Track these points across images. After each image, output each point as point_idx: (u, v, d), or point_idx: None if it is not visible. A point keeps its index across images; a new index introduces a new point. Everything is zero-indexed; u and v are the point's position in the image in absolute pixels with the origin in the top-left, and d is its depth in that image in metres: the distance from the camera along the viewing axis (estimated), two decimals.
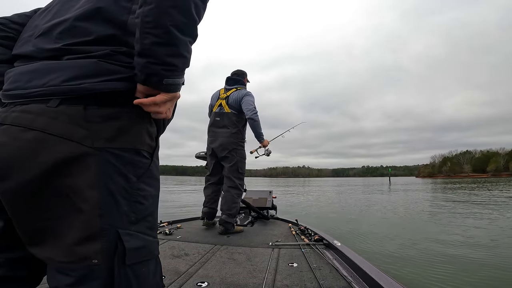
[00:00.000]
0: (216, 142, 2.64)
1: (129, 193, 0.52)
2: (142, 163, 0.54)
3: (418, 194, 14.73)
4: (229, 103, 2.67)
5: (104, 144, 0.49)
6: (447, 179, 73.33)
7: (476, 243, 3.86)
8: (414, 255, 3.32)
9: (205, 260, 1.68)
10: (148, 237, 0.55)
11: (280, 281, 1.34)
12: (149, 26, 0.48)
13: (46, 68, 0.51)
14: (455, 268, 2.79)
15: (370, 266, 1.38)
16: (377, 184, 31.74)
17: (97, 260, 0.48)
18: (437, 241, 3.99)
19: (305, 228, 2.45)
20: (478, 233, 4.54)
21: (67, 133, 0.47)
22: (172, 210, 7.68)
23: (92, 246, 0.48)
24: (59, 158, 0.46)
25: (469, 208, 8.02)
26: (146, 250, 0.53)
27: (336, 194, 15.11)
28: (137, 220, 0.53)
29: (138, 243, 0.52)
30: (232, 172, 2.60)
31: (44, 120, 0.47)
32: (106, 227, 0.48)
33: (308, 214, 7.19)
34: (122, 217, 0.50)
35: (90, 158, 0.48)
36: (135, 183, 0.52)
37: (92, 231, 0.48)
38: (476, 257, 3.19)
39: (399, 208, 8.37)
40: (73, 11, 0.55)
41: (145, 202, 0.54)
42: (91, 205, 0.48)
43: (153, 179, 0.57)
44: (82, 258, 0.47)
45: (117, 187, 0.50)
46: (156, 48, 0.49)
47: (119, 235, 0.49)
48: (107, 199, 0.49)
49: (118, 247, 0.49)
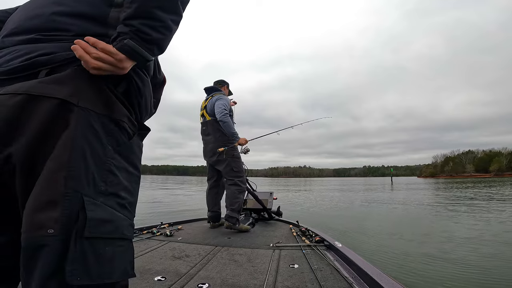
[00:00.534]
0: (206, 150, 2.88)
1: (102, 160, 0.48)
2: (121, 135, 0.53)
3: (422, 193, 14.51)
4: (207, 111, 2.87)
5: (88, 105, 0.48)
6: (450, 179, 72.37)
7: (480, 243, 3.83)
8: (416, 255, 3.30)
9: (206, 261, 1.68)
10: (118, 213, 0.49)
11: (281, 283, 1.34)
12: (127, 3, 0.51)
13: (27, 47, 0.51)
14: (457, 268, 2.78)
15: (372, 267, 1.37)
16: (379, 184, 31.15)
17: (53, 230, 0.42)
18: (440, 241, 3.96)
19: (306, 229, 2.45)
20: (483, 233, 4.50)
21: (52, 92, 0.46)
22: (173, 210, 7.69)
23: (51, 213, 0.42)
24: (46, 115, 0.45)
25: (476, 208, 7.94)
26: (113, 226, 0.47)
27: (339, 194, 14.99)
28: (106, 192, 0.48)
29: (104, 215, 0.46)
30: (228, 173, 2.75)
31: (30, 84, 0.46)
32: (69, 192, 0.43)
33: (310, 214, 7.14)
34: (89, 184, 0.46)
35: (72, 114, 0.46)
36: (109, 151, 0.50)
37: (54, 195, 0.43)
38: (479, 257, 3.17)
39: (403, 208, 8.30)
40: (51, 6, 0.55)
41: (118, 175, 0.51)
42: (59, 165, 0.44)
43: (131, 154, 0.55)
44: (37, 227, 0.41)
45: (91, 151, 0.47)
46: (130, 21, 0.50)
47: (83, 203, 0.44)
48: (78, 161, 0.45)
49: (79, 217, 0.43)
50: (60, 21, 0.53)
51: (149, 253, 1.81)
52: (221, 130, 2.77)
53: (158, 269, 1.51)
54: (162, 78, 0.69)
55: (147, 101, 0.62)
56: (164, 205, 9.34)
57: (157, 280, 1.34)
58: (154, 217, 6.17)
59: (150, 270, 1.49)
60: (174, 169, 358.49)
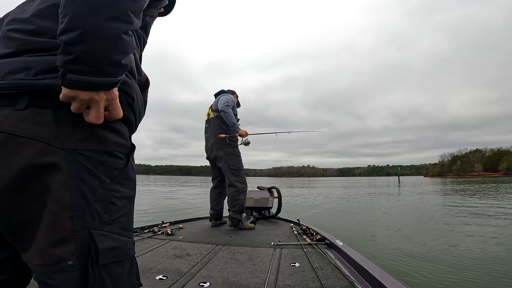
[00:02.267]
0: (207, 146, 2.95)
1: (102, 195, 0.51)
2: (116, 164, 0.54)
3: (431, 194, 13.77)
4: (212, 109, 2.95)
5: (75, 145, 0.48)
6: (458, 178, 70.28)
7: (486, 242, 3.78)
8: (418, 254, 3.28)
9: (207, 260, 1.68)
10: (123, 238, 0.54)
11: (282, 281, 1.34)
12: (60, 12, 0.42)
13: (4, 63, 0.49)
14: (460, 269, 2.76)
15: (373, 266, 1.37)
16: (385, 185, 29.27)
17: (72, 262, 0.47)
18: (445, 241, 3.91)
19: (307, 227, 2.45)
20: (489, 233, 4.41)
21: (35, 134, 0.46)
22: (174, 210, 7.71)
23: (66, 248, 0.47)
24: (29, 160, 0.45)
25: (485, 207, 7.72)
26: (121, 251, 0.53)
27: (345, 194, 14.49)
28: (110, 221, 0.52)
29: (112, 244, 0.52)
30: (226, 170, 2.81)
31: (12, 122, 0.45)
32: (78, 228, 0.48)
33: (316, 214, 6.94)
34: (94, 218, 0.50)
35: (61, 159, 0.46)
36: (108, 184, 0.52)
37: (65, 233, 0.47)
38: (484, 257, 3.12)
39: (413, 209, 7.87)
40: (30, 11, 0.54)
41: (119, 203, 0.54)
42: (62, 207, 0.47)
43: (128, 180, 0.57)
44: (58, 260, 0.47)
45: (89, 189, 0.49)
46: (61, 37, 0.42)
47: (92, 236, 0.49)
48: (79, 200, 0.48)
49: (91, 247, 0.49)
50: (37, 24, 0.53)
51: (151, 252, 1.82)
52: (222, 126, 2.84)
53: (159, 268, 1.51)
54: (144, 79, 0.67)
55: (140, 106, 0.61)
56: (165, 204, 9.37)
57: (159, 279, 1.34)
58: (155, 216, 6.20)
59: (151, 269, 1.49)
60: (177, 169, 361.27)
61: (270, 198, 3.45)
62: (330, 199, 10.80)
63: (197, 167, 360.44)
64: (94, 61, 0.43)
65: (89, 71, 0.43)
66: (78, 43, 0.41)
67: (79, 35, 0.41)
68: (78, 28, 0.41)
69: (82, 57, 0.42)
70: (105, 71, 0.44)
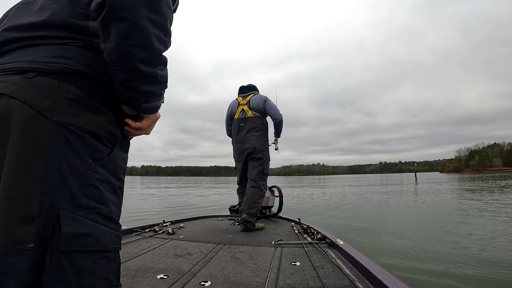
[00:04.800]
0: (247, 145, 2.79)
1: (82, 174, 0.49)
2: (101, 148, 0.53)
3: (460, 193, 11.38)
4: (251, 106, 2.85)
5: (64, 119, 0.47)
6: (477, 174, 65.43)
7: (494, 242, 3.63)
8: (421, 254, 3.20)
9: (208, 259, 1.68)
10: (100, 226, 0.50)
11: (283, 280, 1.34)
12: (116, 64, 0.50)
13: (23, 51, 0.52)
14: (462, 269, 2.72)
15: (374, 265, 1.37)
16: (402, 182, 25.65)
17: (33, 244, 0.43)
18: (451, 241, 3.77)
19: (308, 226, 2.45)
20: (498, 232, 4.20)
21: (31, 101, 0.46)
22: (175, 209, 7.71)
23: (29, 228, 0.43)
24: (13, 122, 0.45)
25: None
26: (93, 240, 0.48)
27: (362, 194, 12.54)
28: (87, 206, 0.49)
29: (82, 230, 0.47)
30: (258, 173, 2.74)
31: (15, 87, 0.47)
32: (45, 206, 0.44)
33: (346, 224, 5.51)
34: (67, 198, 0.46)
35: (46, 129, 0.46)
36: (91, 164, 0.50)
37: (31, 210, 0.44)
38: (489, 257, 3.04)
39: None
40: (28, 18, 0.56)
41: (101, 188, 0.51)
42: (34, 180, 0.44)
43: (115, 166, 0.55)
44: (18, 241, 0.42)
45: (68, 166, 0.47)
46: (128, 84, 0.52)
47: (58, 217, 0.45)
48: (54, 175, 0.45)
49: (55, 230, 0.44)
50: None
51: (152, 251, 1.82)
52: (263, 129, 2.83)
53: (160, 267, 1.52)
54: None
55: None
56: (166, 204, 9.38)
57: (160, 278, 1.35)
58: (156, 215, 6.21)
59: (152, 268, 1.49)
60: (187, 170, 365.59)
61: (271, 197, 3.45)
62: (356, 203, 8.97)
63: (206, 167, 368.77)
64: (158, 91, 0.58)
65: (156, 99, 0.59)
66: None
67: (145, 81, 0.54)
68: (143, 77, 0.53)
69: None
70: (161, 96, 0.60)
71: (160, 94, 0.58)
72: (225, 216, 3.41)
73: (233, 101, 3.03)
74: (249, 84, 3.06)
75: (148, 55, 0.51)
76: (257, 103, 2.84)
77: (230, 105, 3.05)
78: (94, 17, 0.51)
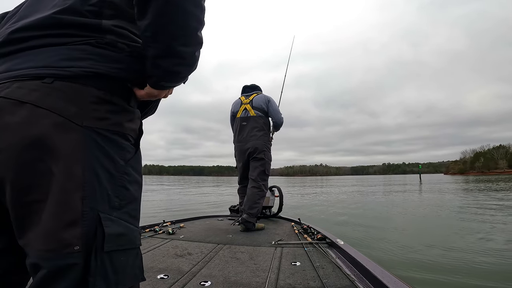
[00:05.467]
0: (248, 144, 2.78)
1: (114, 177, 0.50)
2: (129, 148, 0.54)
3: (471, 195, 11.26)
4: (254, 106, 2.85)
5: (94, 123, 0.48)
6: (482, 176, 64.06)
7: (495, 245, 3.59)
8: (423, 256, 3.19)
9: (208, 259, 1.68)
10: (130, 225, 0.52)
11: (283, 280, 1.34)
12: (149, 41, 0.51)
13: (34, 53, 0.50)
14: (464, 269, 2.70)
15: (374, 265, 1.37)
16: (407, 183, 25.51)
17: (79, 247, 0.45)
18: (455, 242, 3.73)
19: (308, 226, 2.45)
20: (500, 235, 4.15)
21: (58, 108, 0.46)
22: (175, 209, 7.72)
23: (74, 231, 0.45)
24: (46, 132, 0.44)
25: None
26: (127, 239, 0.51)
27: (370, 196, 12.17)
28: (120, 206, 0.51)
29: (119, 230, 0.49)
30: (259, 173, 2.74)
31: (37, 94, 0.46)
32: (87, 210, 0.46)
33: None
34: (104, 201, 0.48)
35: (78, 136, 0.46)
36: (122, 166, 0.51)
37: (74, 215, 0.45)
38: (491, 259, 3.00)
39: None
40: (38, 15, 0.54)
41: (131, 188, 0.53)
42: (75, 186, 0.45)
43: (139, 165, 0.57)
44: (65, 245, 0.44)
45: (103, 169, 0.48)
46: (159, 61, 0.52)
47: (100, 219, 0.47)
48: (91, 180, 0.47)
49: (97, 232, 0.46)
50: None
51: (152, 251, 1.82)
52: (265, 129, 2.83)
53: (160, 267, 1.52)
54: None
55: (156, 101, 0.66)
56: (166, 204, 9.38)
57: (160, 278, 1.35)
58: (156, 215, 6.21)
59: (152, 268, 1.49)
60: (190, 170, 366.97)
61: (271, 197, 3.45)
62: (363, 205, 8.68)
63: (209, 167, 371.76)
64: (185, 73, 0.58)
65: (180, 80, 0.59)
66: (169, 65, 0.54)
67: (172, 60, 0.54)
68: (172, 55, 0.53)
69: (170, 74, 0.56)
70: (184, 78, 0.61)
71: (184, 77, 0.58)
72: (225, 216, 3.41)
73: (236, 100, 3.03)
74: (252, 84, 3.06)
75: (182, 32, 0.51)
76: (260, 102, 2.84)
77: (233, 105, 3.05)
78: (108, 15, 0.54)
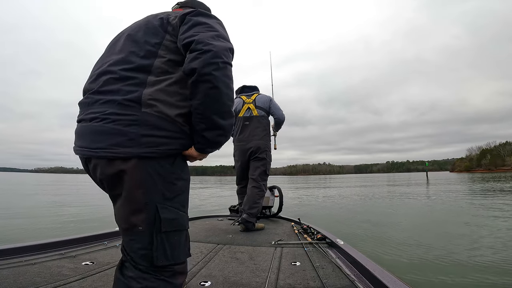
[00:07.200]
0: (250, 144, 2.78)
1: (164, 176, 0.71)
2: (176, 158, 0.75)
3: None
4: (257, 105, 2.86)
5: (150, 150, 0.69)
6: (490, 173, 61.84)
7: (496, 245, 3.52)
8: (426, 256, 3.16)
9: (208, 259, 1.68)
10: (180, 212, 0.73)
11: (283, 280, 1.34)
12: (199, 117, 0.71)
13: (105, 131, 0.70)
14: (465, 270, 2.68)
15: (374, 265, 1.37)
16: (414, 183, 23.83)
17: (142, 227, 0.68)
18: (457, 243, 3.66)
19: (308, 226, 2.44)
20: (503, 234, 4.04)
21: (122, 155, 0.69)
22: None
23: (139, 217, 0.68)
24: (118, 168, 0.69)
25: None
26: (178, 222, 0.71)
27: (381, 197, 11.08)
28: (171, 197, 0.71)
29: (172, 215, 0.70)
30: (260, 173, 2.74)
31: (135, 150, 0.69)
32: (147, 201, 0.68)
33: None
34: (159, 194, 0.69)
35: (134, 163, 0.68)
36: (169, 168, 0.72)
37: (139, 205, 0.68)
38: (492, 259, 2.96)
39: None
40: (114, 59, 0.77)
41: (177, 183, 0.73)
42: (138, 186, 0.68)
43: (184, 166, 0.78)
44: (133, 225, 0.68)
45: (155, 172, 0.69)
46: (206, 133, 0.73)
47: (157, 208, 0.68)
48: (148, 180, 0.68)
49: (156, 217, 0.67)
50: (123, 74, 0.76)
51: None
52: (267, 129, 2.85)
53: None
54: None
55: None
56: None
57: None
58: None
59: None
60: (193, 170, 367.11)
61: (271, 197, 3.45)
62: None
63: (212, 167, 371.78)
64: (224, 141, 0.78)
65: (219, 147, 0.79)
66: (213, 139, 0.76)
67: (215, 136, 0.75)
68: (216, 130, 0.74)
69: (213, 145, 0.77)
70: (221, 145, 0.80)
71: (222, 144, 0.78)
72: (225, 216, 3.41)
73: (237, 99, 3.01)
74: (252, 84, 3.10)
75: (223, 109, 0.72)
76: (263, 102, 2.87)
77: (234, 104, 3.05)
78: (162, 55, 0.75)
